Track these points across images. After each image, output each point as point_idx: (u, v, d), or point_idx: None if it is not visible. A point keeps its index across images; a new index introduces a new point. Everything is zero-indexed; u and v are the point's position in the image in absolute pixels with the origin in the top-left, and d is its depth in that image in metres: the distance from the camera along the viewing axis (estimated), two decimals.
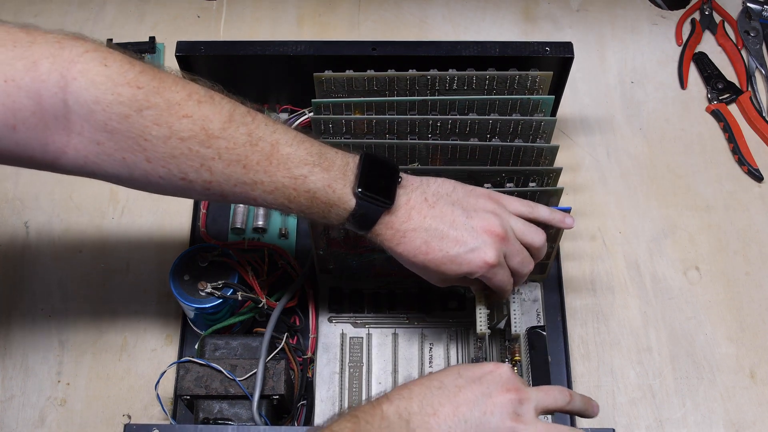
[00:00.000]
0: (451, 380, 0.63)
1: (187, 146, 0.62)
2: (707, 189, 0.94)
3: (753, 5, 1.06)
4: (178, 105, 0.62)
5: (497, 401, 0.62)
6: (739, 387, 0.83)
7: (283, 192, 0.65)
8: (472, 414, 0.61)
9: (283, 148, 0.65)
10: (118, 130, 0.61)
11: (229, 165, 0.63)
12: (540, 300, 0.85)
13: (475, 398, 0.62)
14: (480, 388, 0.62)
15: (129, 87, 0.61)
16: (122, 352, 0.84)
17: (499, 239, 0.68)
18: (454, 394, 0.62)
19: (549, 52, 0.81)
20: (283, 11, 1.06)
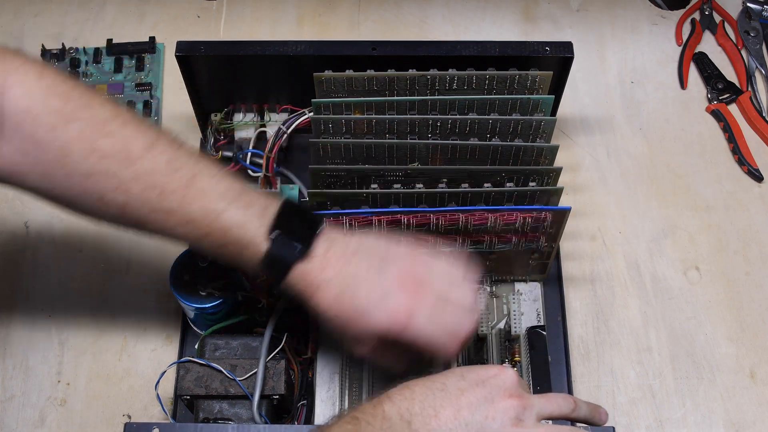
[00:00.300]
0: (454, 382, 0.62)
1: (106, 165, 0.62)
2: (707, 189, 0.94)
3: (753, 5, 1.06)
4: (103, 122, 0.62)
5: (499, 406, 0.61)
6: (739, 387, 0.83)
7: (197, 225, 0.63)
8: (473, 417, 0.60)
9: (202, 180, 0.64)
10: (44, 140, 0.61)
11: (145, 190, 0.63)
12: (540, 300, 0.85)
13: (478, 402, 0.61)
14: (483, 392, 0.62)
15: (59, 99, 0.62)
16: (122, 352, 0.84)
17: (411, 289, 0.65)
18: (457, 396, 0.61)
19: (549, 52, 0.81)
20: (283, 11, 1.06)
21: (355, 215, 0.74)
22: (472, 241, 0.78)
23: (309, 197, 0.76)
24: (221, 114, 0.92)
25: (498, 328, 0.83)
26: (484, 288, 0.85)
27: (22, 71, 0.61)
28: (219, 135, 0.93)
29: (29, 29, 1.04)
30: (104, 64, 1.01)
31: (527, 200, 0.77)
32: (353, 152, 0.79)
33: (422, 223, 0.75)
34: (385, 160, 0.80)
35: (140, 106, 0.98)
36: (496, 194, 0.76)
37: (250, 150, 0.91)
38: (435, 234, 0.76)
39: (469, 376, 0.63)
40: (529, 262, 0.83)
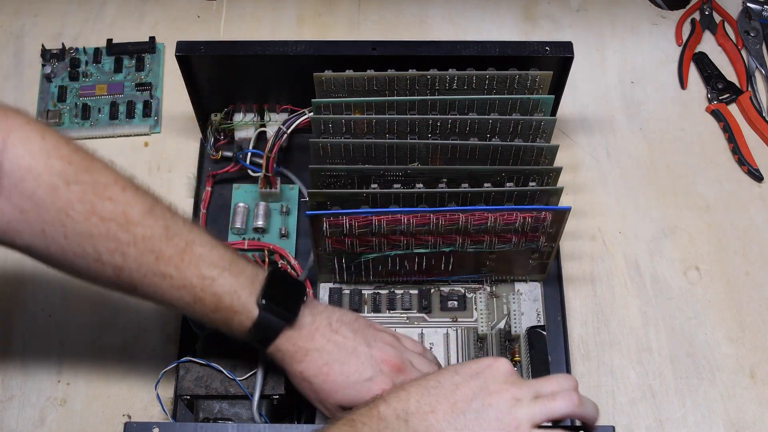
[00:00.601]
0: (448, 378, 0.63)
1: (105, 227, 0.64)
2: (707, 189, 0.94)
3: (753, 5, 1.06)
4: (104, 186, 0.64)
5: (495, 393, 0.62)
6: (739, 387, 0.83)
7: (190, 290, 0.66)
8: (470, 407, 0.61)
9: (197, 248, 0.66)
10: (44, 200, 0.62)
11: (143, 254, 0.65)
12: (540, 300, 0.85)
13: (473, 393, 0.62)
14: (477, 383, 0.63)
15: (61, 161, 0.63)
16: (122, 352, 0.84)
17: (396, 370, 0.69)
18: (452, 391, 0.62)
19: (549, 52, 0.81)
20: (283, 11, 1.06)
21: (355, 215, 0.74)
22: (472, 241, 0.78)
23: (309, 197, 0.76)
24: (221, 114, 0.92)
25: (498, 328, 0.83)
26: (483, 288, 0.85)
27: (25, 130, 0.63)
28: (219, 135, 0.93)
29: (29, 29, 1.04)
30: (104, 64, 1.01)
31: (527, 200, 0.77)
32: (353, 152, 0.79)
33: (422, 223, 0.75)
34: (385, 160, 0.80)
35: (140, 106, 0.98)
36: (496, 194, 0.76)
37: (250, 150, 0.91)
38: (435, 234, 0.76)
39: (462, 371, 0.64)
40: (529, 262, 0.83)
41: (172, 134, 0.97)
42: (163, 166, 0.95)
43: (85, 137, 0.96)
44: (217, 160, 0.93)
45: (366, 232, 0.76)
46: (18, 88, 1.00)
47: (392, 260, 0.81)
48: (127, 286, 0.67)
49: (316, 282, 0.85)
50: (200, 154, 0.95)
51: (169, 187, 0.93)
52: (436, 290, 0.85)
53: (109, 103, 0.98)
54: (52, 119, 0.97)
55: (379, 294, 0.85)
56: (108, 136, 0.97)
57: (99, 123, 0.97)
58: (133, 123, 0.97)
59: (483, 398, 0.62)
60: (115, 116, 0.97)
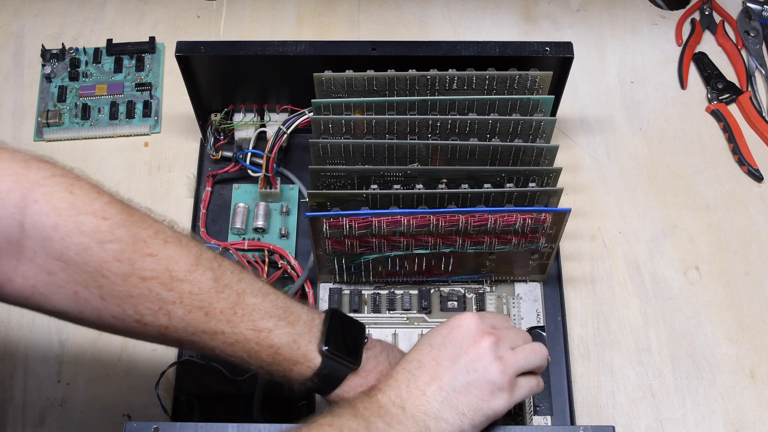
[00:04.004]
0: (426, 354, 0.63)
1: (147, 287, 0.58)
2: (707, 189, 0.94)
3: (753, 5, 1.06)
4: (143, 242, 0.58)
5: (474, 355, 0.63)
6: (739, 387, 0.83)
7: (244, 345, 0.62)
8: (457, 380, 0.62)
9: (249, 299, 0.62)
10: (74, 261, 0.56)
11: (191, 311, 0.60)
12: (540, 300, 0.85)
13: (452, 362, 0.62)
14: (453, 350, 0.63)
15: (93, 217, 0.57)
16: (122, 352, 0.84)
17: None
18: (434, 368, 0.62)
19: (549, 52, 0.81)
20: (283, 11, 1.06)
21: (355, 216, 0.74)
22: (472, 242, 0.78)
23: (309, 198, 0.76)
24: (221, 114, 0.92)
25: None
26: (491, 290, 0.85)
27: (50, 183, 0.56)
28: (219, 135, 0.93)
29: (29, 29, 1.04)
30: (104, 64, 1.01)
31: (527, 201, 0.77)
32: (353, 152, 0.79)
33: (422, 224, 0.75)
34: (385, 161, 0.80)
35: (140, 106, 0.98)
36: (495, 195, 0.76)
37: (250, 150, 0.91)
38: (435, 235, 0.76)
39: (435, 341, 0.64)
40: (529, 263, 0.83)
41: (172, 134, 0.97)
42: (163, 166, 0.95)
43: (85, 137, 0.96)
44: (217, 160, 0.93)
45: (366, 233, 0.76)
46: (18, 88, 1.00)
47: (392, 261, 0.81)
48: (174, 343, 0.62)
49: (316, 282, 0.85)
50: (200, 154, 0.95)
51: (169, 187, 0.93)
52: (436, 291, 0.85)
53: (109, 103, 0.98)
54: (52, 119, 0.97)
55: (379, 294, 0.85)
56: (108, 136, 0.97)
57: (99, 123, 0.97)
58: (133, 123, 0.97)
59: (464, 365, 0.62)
60: (115, 116, 0.97)
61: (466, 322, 0.64)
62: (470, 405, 0.61)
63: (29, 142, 0.96)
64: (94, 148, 0.96)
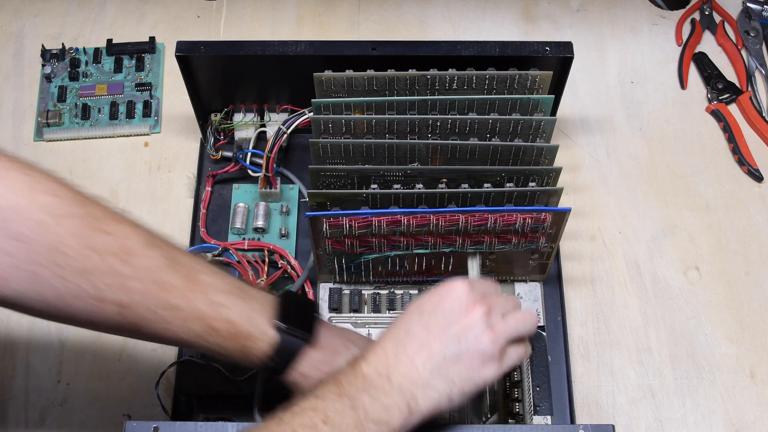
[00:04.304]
0: (416, 322, 0.62)
1: (104, 262, 0.59)
2: (707, 189, 0.94)
3: (753, 5, 1.06)
4: (98, 219, 0.60)
5: (466, 324, 0.62)
6: (739, 387, 0.83)
7: (202, 321, 0.62)
8: (448, 348, 0.61)
9: (203, 276, 0.63)
10: (31, 239, 0.57)
11: (148, 287, 0.60)
12: (540, 300, 0.85)
13: (443, 330, 0.61)
14: (444, 318, 0.62)
15: (50, 195, 0.58)
16: (122, 352, 0.84)
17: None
18: (424, 336, 0.61)
19: (549, 52, 0.81)
20: (283, 11, 1.06)
21: (355, 216, 0.74)
22: (472, 242, 0.78)
23: (309, 198, 0.76)
24: (221, 114, 0.92)
25: None
26: None
27: (7, 168, 0.58)
28: (219, 135, 0.93)
29: (29, 29, 1.04)
30: (104, 64, 1.01)
31: (527, 200, 0.77)
32: (353, 152, 0.79)
33: (422, 224, 0.75)
34: (385, 161, 0.80)
35: (140, 106, 0.98)
36: (495, 195, 0.76)
37: (250, 150, 0.91)
38: (435, 235, 0.76)
39: (426, 308, 0.63)
40: (529, 263, 0.83)
41: (172, 134, 0.97)
42: (163, 166, 0.95)
43: (85, 137, 0.96)
44: (217, 160, 0.93)
45: (366, 233, 0.76)
46: (18, 88, 1.00)
47: (392, 261, 0.81)
48: (132, 325, 0.62)
49: (316, 282, 0.85)
50: (200, 154, 0.95)
51: (169, 187, 0.93)
52: None
53: (109, 103, 0.98)
54: (52, 119, 0.97)
55: (379, 294, 0.85)
56: (108, 136, 0.97)
57: (99, 123, 0.97)
58: (133, 123, 0.97)
59: (455, 333, 0.61)
60: (115, 116, 0.97)
61: (457, 290, 0.63)
62: (461, 374, 0.61)
63: (29, 142, 0.96)
64: (94, 148, 0.96)
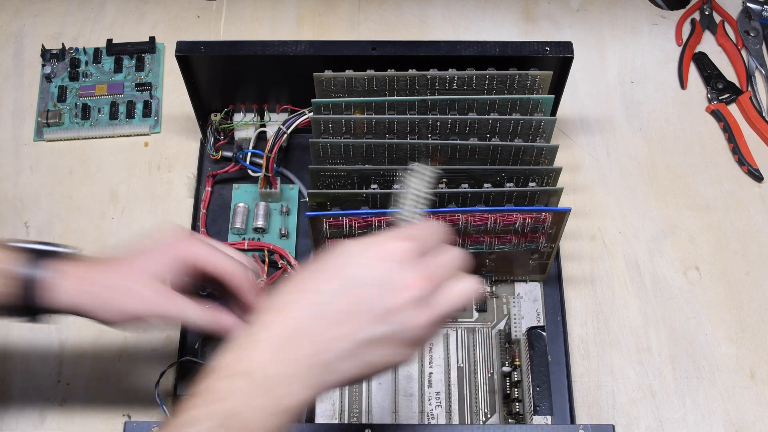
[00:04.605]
0: (341, 293, 0.53)
1: None
2: (707, 189, 0.94)
3: (753, 5, 1.06)
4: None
5: (399, 303, 0.52)
6: (739, 387, 0.83)
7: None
8: (373, 330, 0.52)
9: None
10: None
11: None
12: (540, 300, 0.85)
13: (372, 307, 0.52)
14: (375, 292, 0.53)
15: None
16: (122, 352, 0.84)
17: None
18: (347, 312, 0.53)
19: (549, 52, 0.81)
20: (283, 11, 1.06)
21: (355, 216, 0.74)
22: (472, 242, 0.78)
23: (309, 198, 0.76)
24: (221, 114, 0.92)
25: (498, 329, 0.83)
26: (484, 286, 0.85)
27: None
28: (219, 135, 0.93)
29: (29, 29, 1.04)
30: (104, 64, 1.01)
31: (527, 200, 0.77)
32: (353, 152, 0.79)
33: None
34: (385, 160, 0.80)
35: (140, 106, 0.98)
36: (495, 195, 0.76)
37: (250, 150, 0.91)
38: None
39: (353, 278, 0.54)
40: (529, 263, 0.83)
41: (172, 134, 0.97)
42: (163, 166, 0.95)
43: (85, 137, 0.96)
44: (217, 160, 0.93)
45: (366, 233, 0.76)
46: (18, 88, 1.00)
47: None
48: None
49: None
50: (200, 154, 0.95)
51: (169, 187, 0.93)
52: None
53: (109, 103, 0.98)
54: (52, 119, 0.97)
55: None
56: (108, 136, 0.97)
57: (99, 123, 0.97)
58: (133, 123, 0.97)
59: (388, 315, 0.52)
60: (115, 116, 0.97)
61: (395, 253, 0.53)
62: (377, 360, 0.53)
63: (29, 142, 0.96)
64: (94, 148, 0.96)
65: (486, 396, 0.80)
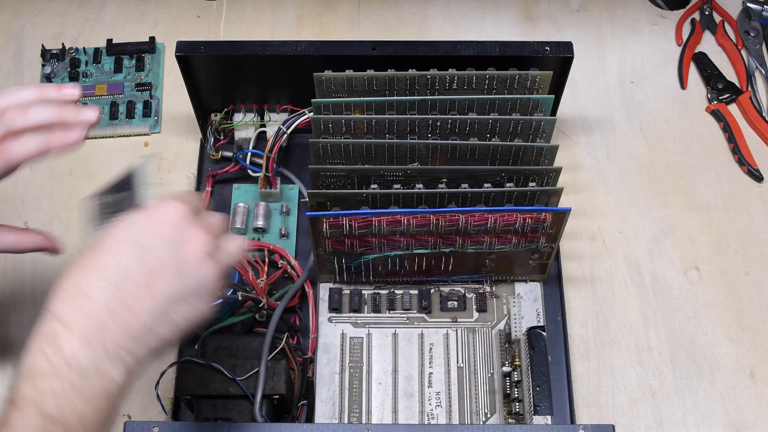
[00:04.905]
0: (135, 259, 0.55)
1: None
2: (707, 189, 0.94)
3: (753, 5, 1.06)
4: None
5: (188, 258, 0.56)
6: (739, 387, 0.83)
7: None
8: (172, 288, 0.55)
9: None
10: None
11: None
12: (540, 300, 0.85)
13: (167, 267, 0.55)
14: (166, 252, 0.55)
15: None
16: None
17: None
18: (145, 276, 0.54)
19: (549, 52, 0.81)
20: (283, 11, 1.06)
21: (355, 216, 0.74)
22: (472, 242, 0.78)
23: (309, 198, 0.76)
24: (221, 114, 0.92)
25: (498, 329, 0.83)
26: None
27: None
28: (219, 135, 0.93)
29: (29, 29, 1.04)
30: (104, 64, 1.01)
31: (527, 200, 0.77)
32: (353, 152, 0.79)
33: (422, 224, 0.75)
34: (385, 161, 0.80)
35: (140, 106, 0.98)
36: (495, 195, 0.76)
37: (250, 150, 0.91)
38: (435, 235, 0.77)
39: (143, 240, 0.55)
40: (529, 263, 0.83)
41: (172, 134, 0.97)
42: (163, 166, 0.95)
43: (85, 137, 0.96)
44: (217, 160, 0.93)
45: (366, 233, 0.76)
46: None
47: (392, 261, 0.81)
48: None
49: (316, 282, 0.85)
50: (200, 154, 0.95)
51: (169, 187, 0.93)
52: (436, 290, 0.85)
53: (109, 103, 0.98)
54: None
55: (379, 294, 0.85)
56: (108, 136, 0.97)
57: (99, 123, 0.96)
58: (133, 123, 0.97)
59: (180, 272, 0.55)
60: (115, 116, 0.97)
61: (172, 215, 0.56)
62: (185, 316, 0.56)
63: None
64: (94, 148, 0.96)
65: (486, 396, 0.80)
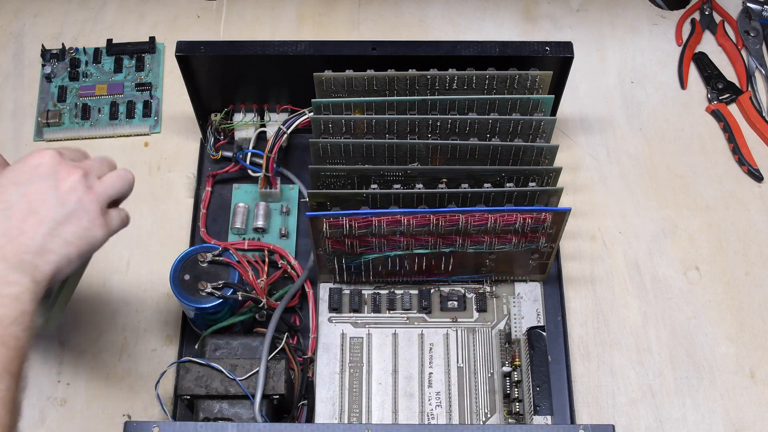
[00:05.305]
0: (14, 192, 0.62)
1: None
2: (707, 189, 0.94)
3: (753, 5, 1.06)
4: None
5: (66, 188, 0.63)
6: (739, 387, 0.83)
7: None
8: (55, 211, 0.62)
9: None
10: None
11: None
12: (540, 300, 0.85)
13: (46, 195, 0.63)
14: (43, 184, 0.63)
15: None
16: (122, 352, 0.84)
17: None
18: (27, 203, 0.62)
19: (549, 52, 0.81)
20: (283, 11, 1.06)
21: (355, 216, 0.74)
22: (472, 242, 0.78)
23: (309, 198, 0.76)
24: (221, 114, 0.92)
25: (498, 329, 0.83)
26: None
27: None
28: (219, 135, 0.93)
29: (29, 29, 1.04)
30: (104, 64, 1.01)
31: (527, 200, 0.77)
32: (353, 152, 0.79)
33: (422, 224, 0.75)
34: (385, 161, 0.80)
35: (140, 106, 0.98)
36: (495, 195, 0.76)
37: (250, 150, 0.91)
38: (435, 235, 0.76)
39: (20, 179, 0.63)
40: (529, 263, 0.83)
41: (172, 134, 0.97)
42: (163, 166, 0.95)
43: (85, 137, 0.96)
44: (217, 160, 0.93)
45: (366, 233, 0.76)
46: (18, 88, 1.00)
47: (392, 261, 0.81)
48: None
49: (316, 282, 0.85)
50: (200, 154, 0.95)
51: (169, 187, 0.93)
52: (436, 290, 0.85)
53: (109, 103, 0.98)
54: (52, 119, 0.97)
55: (379, 294, 0.85)
56: (108, 136, 0.97)
57: (99, 123, 0.97)
58: (133, 123, 0.97)
59: (61, 200, 0.63)
60: (115, 116, 0.97)
61: (47, 159, 0.64)
62: (75, 233, 0.63)
63: (29, 142, 0.96)
64: (94, 148, 0.96)
65: (486, 396, 0.80)
